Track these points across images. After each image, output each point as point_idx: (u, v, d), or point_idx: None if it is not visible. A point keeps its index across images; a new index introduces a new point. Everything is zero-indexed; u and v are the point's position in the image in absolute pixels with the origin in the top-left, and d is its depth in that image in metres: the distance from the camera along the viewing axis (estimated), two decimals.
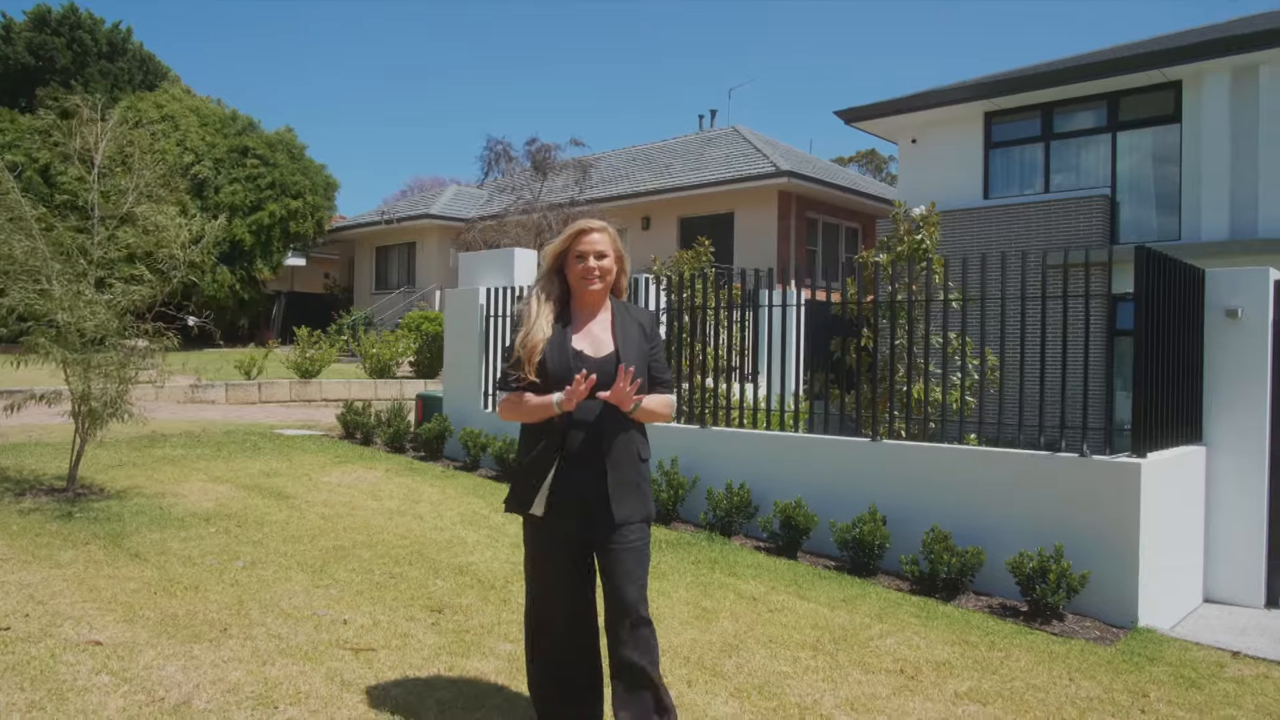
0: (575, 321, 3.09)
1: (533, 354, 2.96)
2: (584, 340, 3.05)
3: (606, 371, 2.96)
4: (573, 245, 3.06)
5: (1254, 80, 13.06)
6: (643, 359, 3.06)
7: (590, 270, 3.03)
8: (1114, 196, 14.45)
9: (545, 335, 2.99)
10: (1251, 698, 4.27)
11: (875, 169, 49.91)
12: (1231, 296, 6.39)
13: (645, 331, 3.13)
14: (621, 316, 3.13)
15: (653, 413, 3.08)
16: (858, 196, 22.74)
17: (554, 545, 3.03)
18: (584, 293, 3.08)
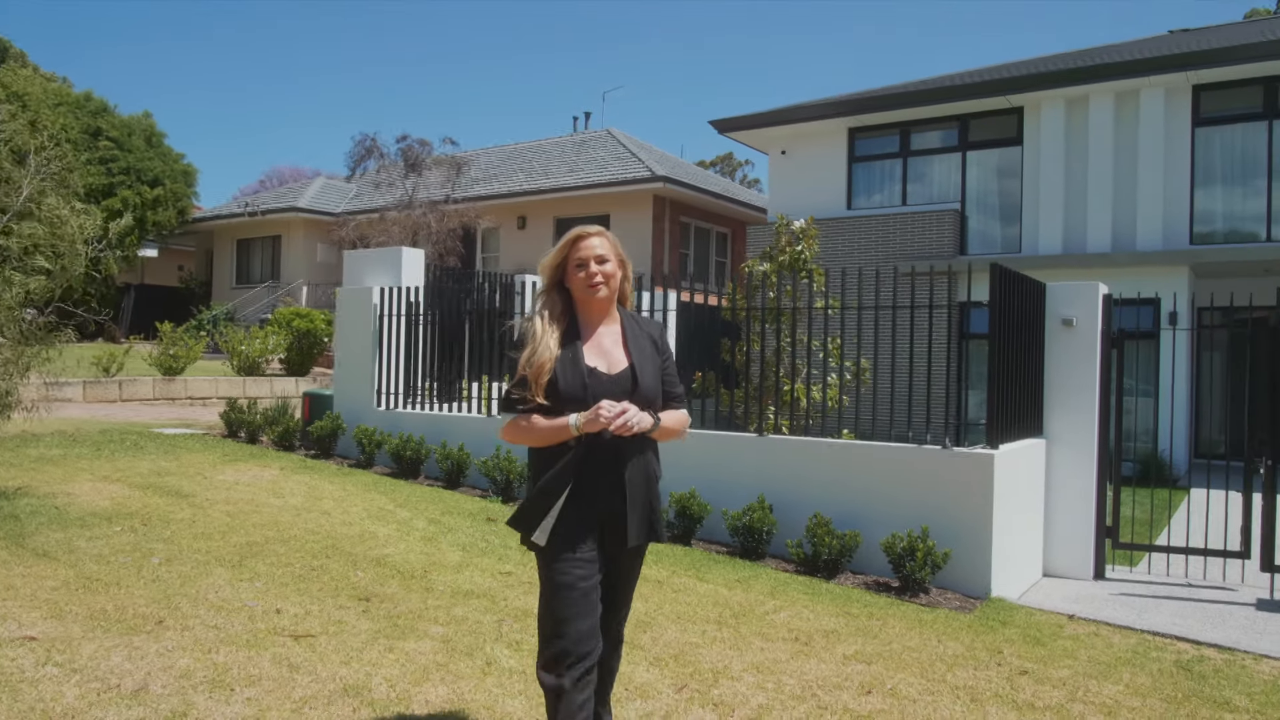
0: (583, 336, 2.89)
1: (540, 373, 2.77)
2: (596, 356, 2.87)
3: (623, 389, 2.81)
4: (570, 254, 2.88)
5: (1085, 110, 14.48)
6: (657, 374, 2.92)
7: (594, 276, 2.84)
8: (963, 210, 15.69)
9: (554, 353, 2.79)
10: (1085, 651, 5.02)
11: (731, 172, 51.58)
12: (1068, 307, 7.26)
13: (657, 344, 2.98)
14: (632, 329, 2.96)
15: (670, 430, 2.93)
16: (729, 203, 23.61)
17: (578, 571, 2.80)
18: (590, 302, 2.89)
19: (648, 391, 2.85)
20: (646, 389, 2.85)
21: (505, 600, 5.18)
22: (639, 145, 25.39)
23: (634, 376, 2.85)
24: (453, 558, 6.03)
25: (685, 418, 3.04)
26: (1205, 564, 7.13)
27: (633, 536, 2.84)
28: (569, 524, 2.79)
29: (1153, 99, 13.85)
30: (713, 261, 24.47)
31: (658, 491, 2.94)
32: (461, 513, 7.38)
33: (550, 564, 2.82)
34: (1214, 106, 13.74)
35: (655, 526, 2.93)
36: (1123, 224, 14.12)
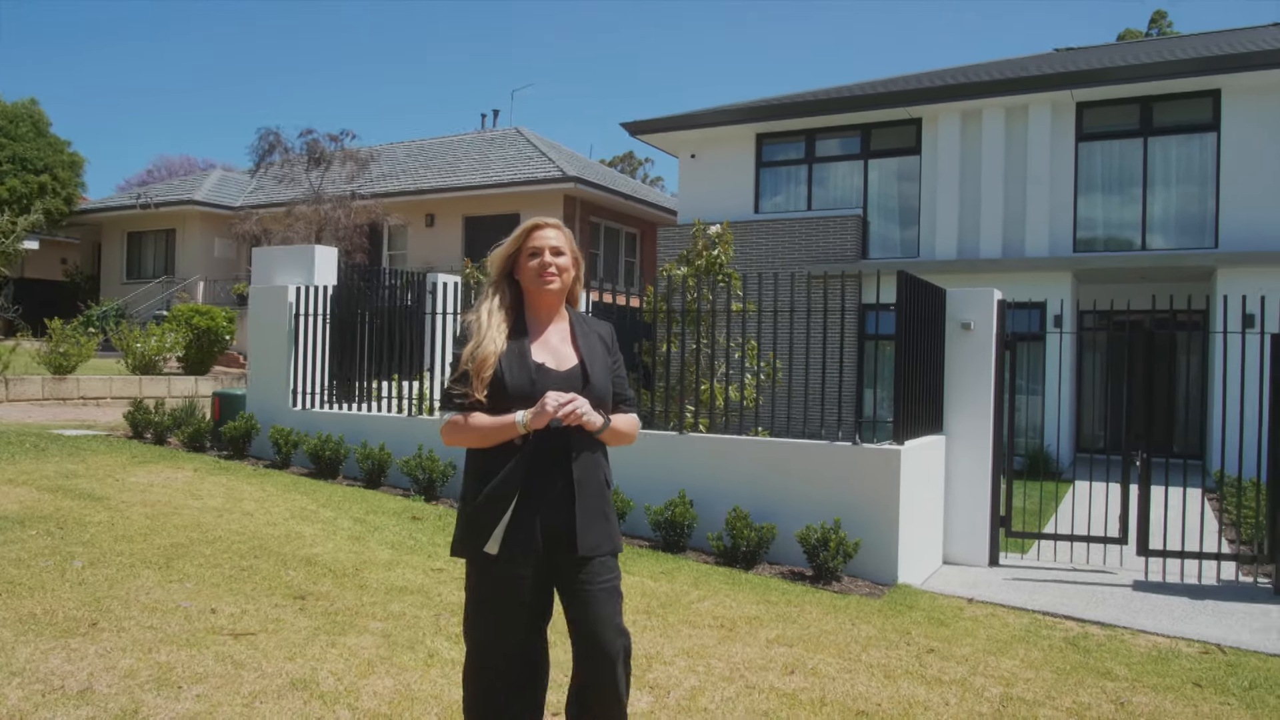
0: (531, 331, 2.75)
1: (483, 367, 2.62)
2: (544, 352, 2.72)
3: (573, 387, 2.66)
4: (525, 243, 2.75)
5: (978, 123, 15.26)
6: (607, 373, 2.80)
7: (547, 267, 2.71)
8: (865, 216, 16.33)
9: (499, 348, 2.65)
10: (983, 630, 5.44)
11: (632, 171, 52.20)
12: (966, 312, 7.75)
13: (607, 344, 2.86)
14: (580, 328, 2.83)
15: (621, 433, 2.80)
16: (638, 204, 23.92)
17: (508, 588, 2.63)
18: (540, 294, 2.75)
19: (599, 390, 2.71)
20: (597, 387, 2.71)
21: (439, 596, 5.30)
22: (548, 145, 25.48)
23: (584, 374, 2.71)
24: (383, 556, 6.10)
25: (636, 421, 2.92)
26: (1088, 550, 7.71)
27: (583, 545, 2.62)
28: (512, 536, 2.60)
29: (1040, 114, 14.70)
30: (622, 261, 24.75)
31: (609, 497, 2.76)
32: (386, 512, 7.43)
33: (481, 575, 2.66)
34: (1095, 123, 14.67)
35: (611, 535, 2.70)
36: (1013, 231, 14.94)
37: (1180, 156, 14.18)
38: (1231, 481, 9.85)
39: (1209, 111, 13.85)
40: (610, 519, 2.74)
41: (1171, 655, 5.13)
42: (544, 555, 2.64)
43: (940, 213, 15.48)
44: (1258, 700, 4.42)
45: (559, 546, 2.64)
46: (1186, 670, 4.85)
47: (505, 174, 22.89)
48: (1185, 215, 14.13)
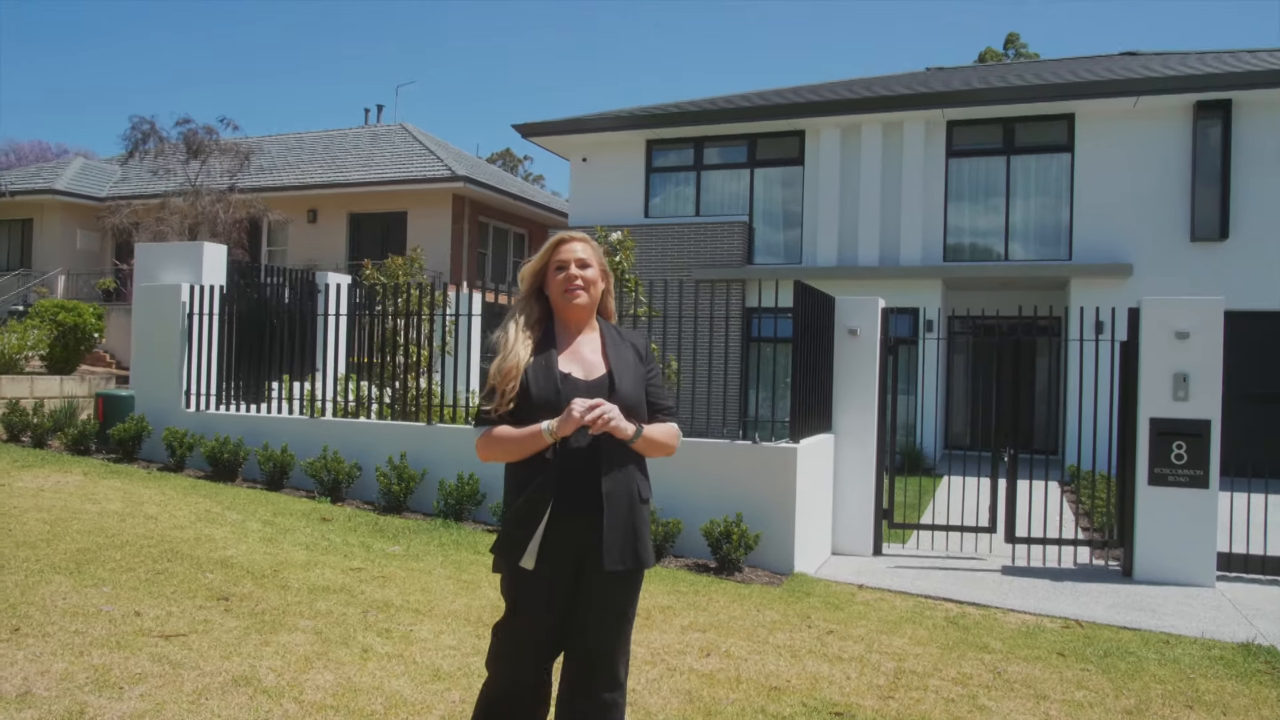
0: (560, 344, 2.73)
1: (509, 378, 2.61)
2: (572, 362, 2.70)
3: (600, 395, 2.61)
4: (552, 258, 2.75)
5: (858, 137, 16.07)
6: (639, 382, 2.74)
7: (573, 280, 2.70)
8: (751, 223, 16.95)
9: (523, 359, 2.65)
10: (875, 613, 5.93)
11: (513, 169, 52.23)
12: (853, 319, 8.28)
13: (640, 354, 2.81)
14: (612, 338, 2.79)
15: (658, 443, 2.71)
16: (528, 205, 24.01)
17: (541, 604, 2.63)
18: (568, 309, 2.73)
19: (627, 398, 2.65)
20: (626, 395, 2.65)
21: (363, 594, 5.42)
22: (435, 142, 25.27)
23: (611, 383, 2.66)
24: (298, 557, 6.16)
25: (675, 430, 2.81)
26: (961, 538, 8.37)
27: (609, 560, 2.57)
28: (547, 550, 2.59)
29: (914, 131, 15.61)
30: (510, 262, 24.78)
31: (645, 513, 2.69)
32: (294, 514, 7.43)
33: (515, 592, 2.66)
34: (964, 140, 15.68)
35: (640, 551, 2.64)
36: (889, 241, 15.80)
37: (1039, 174, 15.33)
38: (1084, 475, 10.79)
39: (1064, 134, 15.02)
40: (640, 534, 2.66)
41: (1038, 630, 5.72)
42: (575, 571, 2.63)
43: (822, 221, 16.23)
44: (1111, 666, 5.02)
45: (586, 559, 2.61)
46: (1051, 643, 5.44)
47: (392, 171, 22.61)
48: (1043, 229, 15.28)
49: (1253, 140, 13.96)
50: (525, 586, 2.63)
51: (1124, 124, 14.60)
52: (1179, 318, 7.30)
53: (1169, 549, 7.20)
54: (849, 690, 4.40)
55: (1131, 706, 4.39)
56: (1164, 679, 4.83)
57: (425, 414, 8.80)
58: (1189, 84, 13.99)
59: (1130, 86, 14.19)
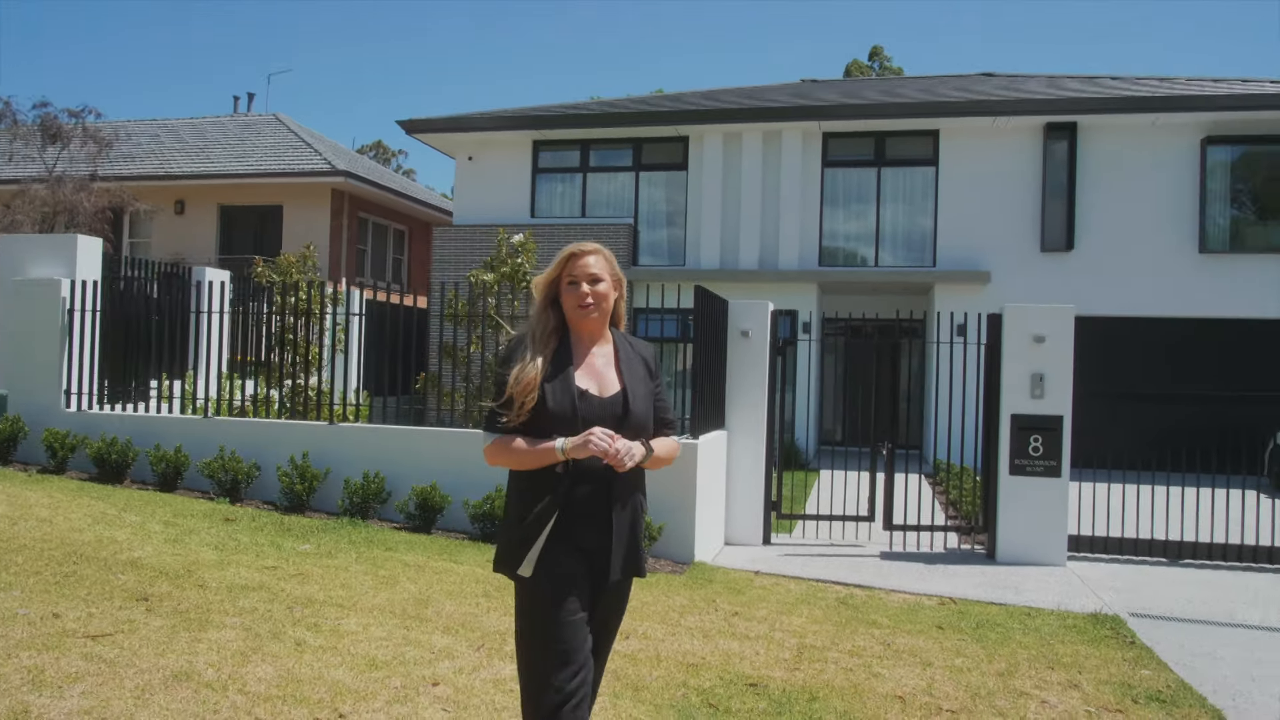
0: (575, 356, 2.77)
1: (528, 391, 2.65)
2: (587, 378, 2.76)
3: (614, 414, 2.70)
4: (565, 271, 2.79)
5: (739, 144, 16.70)
6: (649, 398, 2.81)
7: (585, 297, 2.74)
8: (636, 225, 17.35)
9: (541, 373, 2.69)
10: (773, 596, 6.39)
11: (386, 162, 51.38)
12: (744, 321, 8.75)
13: (650, 368, 2.88)
14: (625, 351, 2.85)
15: (661, 459, 2.82)
16: (409, 201, 23.75)
17: (566, 605, 2.64)
18: (581, 323, 2.78)
19: (640, 417, 2.74)
20: (638, 414, 2.74)
21: (284, 591, 5.50)
22: (312, 135, 24.68)
23: (625, 401, 2.74)
24: (209, 557, 6.14)
25: (676, 445, 2.92)
26: (843, 527, 8.97)
27: (614, 570, 2.68)
28: (554, 556, 2.65)
29: (792, 141, 16.34)
30: (390, 258, 24.46)
31: (643, 523, 2.82)
32: (194, 515, 7.35)
33: (534, 601, 2.67)
34: (838, 151, 16.52)
35: (638, 560, 2.78)
36: (768, 245, 16.49)
37: (906, 185, 16.31)
38: (948, 468, 11.63)
39: (930, 148, 16.05)
40: (640, 545, 2.79)
41: (918, 607, 6.29)
42: (586, 576, 2.68)
43: (705, 225, 16.78)
44: (983, 636, 5.61)
45: (591, 569, 2.69)
46: (931, 618, 6.01)
47: (267, 163, 21.98)
48: (910, 237, 16.27)
49: (1095, 160, 15.29)
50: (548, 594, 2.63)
51: (983, 141, 15.72)
52: (1036, 323, 8.06)
53: (1027, 533, 7.95)
54: (759, 664, 4.80)
55: (1003, 669, 4.96)
56: (1028, 645, 5.44)
57: (326, 413, 8.79)
58: (1040, 107, 15.20)
59: (989, 107, 15.30)
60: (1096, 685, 4.75)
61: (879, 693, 4.48)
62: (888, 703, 4.35)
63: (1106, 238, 15.19)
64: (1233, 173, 15.26)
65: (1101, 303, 14.55)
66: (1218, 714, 4.41)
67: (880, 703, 4.34)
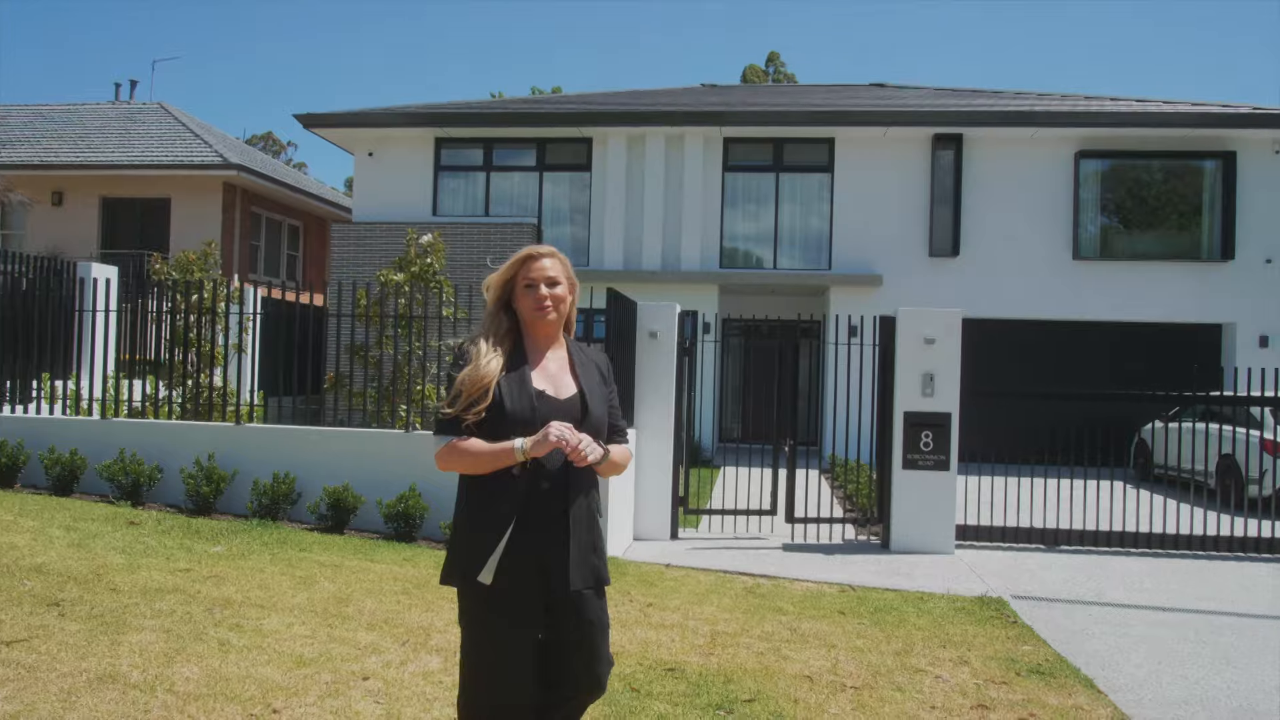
0: (530, 359, 2.74)
1: (481, 388, 2.60)
2: (544, 380, 2.72)
3: (571, 416, 2.66)
4: (520, 273, 2.74)
5: (642, 147, 16.98)
6: (604, 403, 2.80)
7: (543, 299, 2.70)
8: (540, 225, 17.43)
9: (498, 373, 2.64)
10: (684, 587, 6.65)
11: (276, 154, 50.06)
12: (653, 323, 9.00)
13: (603, 375, 2.87)
14: (579, 356, 2.83)
15: (616, 464, 2.79)
16: (305, 196, 23.23)
17: (516, 620, 2.61)
18: (537, 325, 2.75)
19: (596, 420, 2.72)
20: (596, 416, 2.72)
21: (200, 593, 5.46)
22: (200, 125, 23.88)
23: (583, 403, 2.72)
24: (117, 561, 6.03)
25: (629, 452, 2.91)
26: (747, 521, 9.33)
27: (575, 579, 2.62)
28: (503, 566, 2.58)
29: (694, 145, 16.72)
30: (284, 255, 23.87)
31: (600, 527, 2.77)
32: (96, 519, 7.16)
33: (476, 612, 2.63)
34: (739, 157, 16.98)
35: (600, 568, 2.72)
36: (670, 247, 16.83)
37: (804, 191, 16.88)
38: (843, 463, 12.16)
39: (826, 156, 16.65)
40: (600, 551, 2.74)
41: (821, 595, 6.65)
42: (541, 588, 2.62)
43: (608, 226, 17.01)
44: (881, 619, 5.99)
45: (552, 581, 2.62)
46: (833, 604, 6.37)
47: (154, 154, 21.18)
48: (807, 241, 16.85)
49: (979, 170, 16.15)
50: (497, 606, 2.59)
51: (876, 150, 16.41)
52: (927, 325, 8.56)
53: (919, 523, 8.44)
54: (675, 651, 5.04)
55: (900, 649, 5.33)
56: (923, 627, 5.84)
57: (233, 414, 8.65)
58: (928, 119, 15.97)
59: (881, 118, 15.98)
60: (984, 661, 5.16)
61: (788, 673, 4.77)
62: (797, 682, 4.65)
63: (990, 244, 16.07)
64: (1102, 185, 16.35)
65: (985, 306, 15.37)
66: (1090, 683, 4.86)
67: (790, 682, 4.63)
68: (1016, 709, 4.41)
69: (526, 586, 2.61)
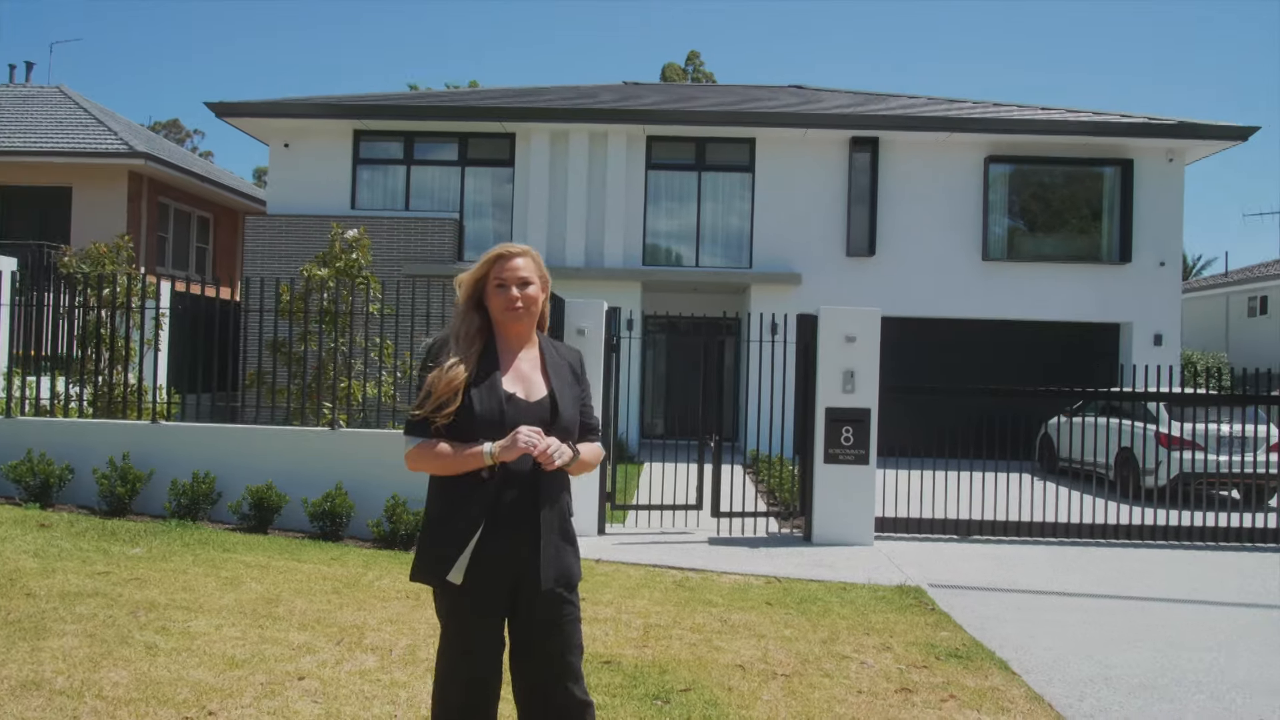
0: (501, 360, 2.71)
1: (451, 391, 2.58)
2: (514, 382, 2.69)
3: (541, 418, 2.64)
4: (491, 272, 2.70)
5: (566, 144, 16.99)
6: (576, 403, 2.77)
7: (514, 300, 2.67)
8: (462, 220, 17.32)
9: (467, 376, 2.61)
10: (615, 581, 6.74)
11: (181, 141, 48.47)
12: (581, 320, 9.05)
13: (576, 373, 2.83)
14: (551, 355, 2.80)
15: (586, 464, 2.76)
16: (216, 187, 22.54)
17: (485, 615, 2.64)
18: (509, 326, 2.72)
19: (567, 422, 2.70)
20: (566, 419, 2.70)
21: (122, 596, 5.33)
22: (103, 111, 22.95)
23: (554, 405, 2.69)
24: (30, 565, 5.83)
25: (600, 451, 2.89)
26: (674, 516, 9.45)
27: (545, 578, 2.62)
28: (479, 564, 2.59)
29: (618, 143, 16.80)
30: (193, 247, 23.14)
31: (571, 528, 2.76)
32: (3, 521, 6.89)
33: (455, 607, 2.64)
34: (662, 155, 17.13)
35: (573, 566, 2.72)
36: (594, 244, 16.89)
37: (725, 190, 17.13)
38: (764, 458, 12.41)
39: (747, 156, 16.92)
40: (572, 550, 2.73)
41: (748, 587, 6.82)
42: (510, 586, 2.64)
43: (531, 222, 16.97)
44: (807, 609, 6.17)
45: (521, 578, 2.63)
46: (760, 595, 6.53)
47: (54, 140, 20.29)
48: (729, 239, 17.10)
49: (894, 172, 16.62)
50: (469, 602, 2.61)
51: (795, 151, 16.75)
52: (848, 324, 8.81)
53: (840, 516, 8.69)
54: (611, 644, 5.12)
55: (826, 637, 5.51)
56: (846, 616, 6.04)
57: (149, 412, 8.40)
58: (846, 122, 16.37)
59: (801, 120, 16.31)
60: (905, 646, 5.38)
61: (721, 663, 4.90)
62: (730, 671, 4.77)
63: (905, 244, 16.56)
64: (1010, 189, 17.00)
65: (901, 304, 15.82)
66: (1004, 665, 5.12)
67: (723, 671, 4.76)
68: (938, 691, 4.62)
69: (497, 586, 2.62)
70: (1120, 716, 4.42)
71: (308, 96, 17.98)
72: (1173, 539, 9.16)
